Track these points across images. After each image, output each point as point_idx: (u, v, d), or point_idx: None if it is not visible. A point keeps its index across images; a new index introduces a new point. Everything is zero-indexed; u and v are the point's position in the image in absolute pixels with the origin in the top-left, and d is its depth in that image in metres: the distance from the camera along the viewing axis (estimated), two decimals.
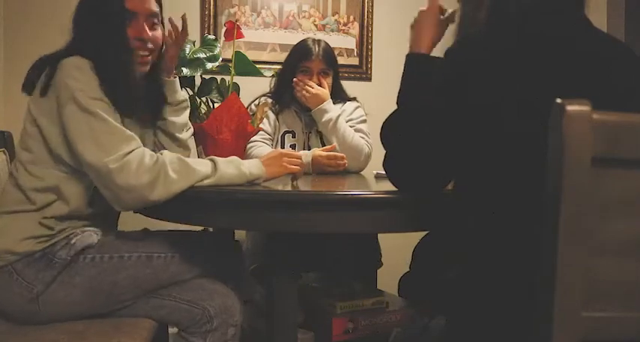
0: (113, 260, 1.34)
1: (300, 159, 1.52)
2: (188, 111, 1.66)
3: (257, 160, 1.44)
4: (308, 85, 2.15)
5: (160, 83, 1.56)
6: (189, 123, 1.68)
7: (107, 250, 1.35)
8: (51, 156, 1.34)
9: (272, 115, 2.23)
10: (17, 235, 1.30)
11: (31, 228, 1.31)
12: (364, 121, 2.30)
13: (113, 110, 1.32)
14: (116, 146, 1.26)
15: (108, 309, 1.36)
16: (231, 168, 1.36)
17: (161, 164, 1.28)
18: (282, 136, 2.26)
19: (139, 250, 1.37)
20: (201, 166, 1.33)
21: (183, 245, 1.43)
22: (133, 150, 1.28)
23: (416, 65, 1.28)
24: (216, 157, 1.39)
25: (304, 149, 2.23)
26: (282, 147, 2.24)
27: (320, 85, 2.20)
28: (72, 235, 1.34)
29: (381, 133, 1.22)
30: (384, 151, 1.21)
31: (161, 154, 1.32)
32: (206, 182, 1.32)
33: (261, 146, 2.14)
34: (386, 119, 1.22)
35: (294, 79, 2.18)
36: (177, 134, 1.63)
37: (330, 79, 2.27)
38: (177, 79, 1.62)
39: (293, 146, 2.24)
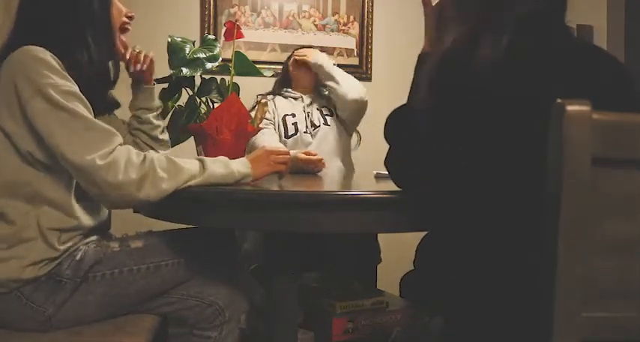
0: (123, 275, 1.32)
1: (288, 154, 1.50)
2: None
3: (244, 159, 1.41)
4: (297, 54, 2.49)
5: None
6: None
7: (115, 264, 1.32)
8: (21, 159, 1.25)
9: (269, 104, 2.44)
10: (21, 263, 1.23)
11: (34, 253, 1.24)
12: None
13: (86, 103, 1.25)
14: (100, 143, 1.20)
15: (118, 315, 1.36)
16: (219, 167, 1.33)
17: (149, 162, 1.24)
18: (284, 119, 2.41)
19: (145, 261, 1.35)
20: (190, 165, 1.30)
21: (186, 247, 1.42)
22: (117, 146, 1.22)
23: (421, 64, 1.27)
24: (203, 157, 1.36)
25: (307, 127, 2.41)
26: (285, 128, 2.39)
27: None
28: (75, 251, 1.29)
29: (385, 128, 1.21)
30: (385, 151, 1.21)
31: (148, 152, 1.29)
32: (194, 182, 1.29)
33: (264, 133, 2.27)
34: (391, 113, 1.21)
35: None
36: (160, 136, 1.73)
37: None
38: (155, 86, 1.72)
39: (295, 124, 2.40)
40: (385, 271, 2.27)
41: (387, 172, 1.25)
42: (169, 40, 1.74)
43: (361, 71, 3.00)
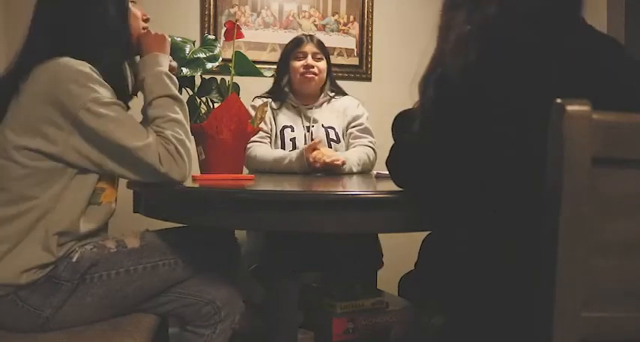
0: (120, 276, 1.32)
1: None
2: None
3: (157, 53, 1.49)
4: (321, 156, 1.99)
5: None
6: None
7: (112, 265, 1.32)
8: (55, 164, 1.26)
9: (268, 113, 2.27)
10: (18, 268, 1.22)
11: (32, 258, 1.24)
12: (365, 126, 2.30)
13: (124, 106, 1.33)
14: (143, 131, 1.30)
15: (117, 316, 1.36)
16: (161, 81, 1.43)
17: (178, 142, 1.33)
18: (282, 131, 2.28)
19: (142, 261, 1.35)
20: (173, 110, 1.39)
21: (183, 246, 1.42)
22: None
23: None
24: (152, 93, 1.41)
25: (305, 142, 2.24)
26: (283, 142, 2.25)
27: (314, 67, 2.27)
28: (72, 253, 1.29)
29: (393, 124, 1.21)
30: (385, 151, 1.21)
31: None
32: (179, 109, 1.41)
33: (260, 145, 2.17)
34: (399, 113, 1.21)
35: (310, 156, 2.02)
36: None
37: (324, 63, 2.32)
38: None
39: (293, 140, 2.26)
40: (385, 272, 2.26)
41: (387, 172, 1.25)
42: (169, 40, 1.74)
43: (361, 71, 3.00)
